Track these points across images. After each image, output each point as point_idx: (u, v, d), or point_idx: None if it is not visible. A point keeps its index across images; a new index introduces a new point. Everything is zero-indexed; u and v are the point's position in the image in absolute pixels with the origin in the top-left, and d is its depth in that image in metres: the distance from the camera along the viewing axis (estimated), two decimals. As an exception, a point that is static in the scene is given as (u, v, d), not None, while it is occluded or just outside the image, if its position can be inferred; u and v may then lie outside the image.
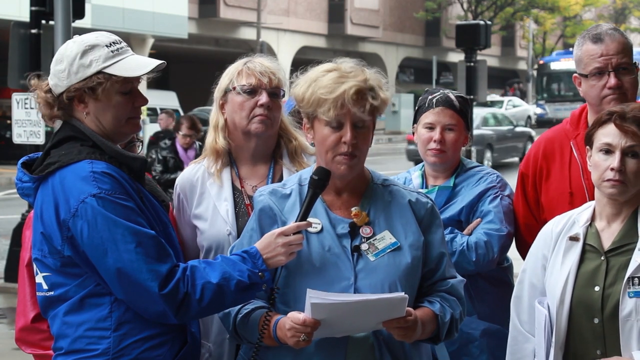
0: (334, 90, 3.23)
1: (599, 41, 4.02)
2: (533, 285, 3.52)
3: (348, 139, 3.25)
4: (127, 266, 3.09)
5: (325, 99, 3.23)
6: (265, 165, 4.02)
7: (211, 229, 3.93)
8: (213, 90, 4.06)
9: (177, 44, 37.74)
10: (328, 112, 3.23)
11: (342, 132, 3.25)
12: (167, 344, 3.23)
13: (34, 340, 3.74)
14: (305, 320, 3.11)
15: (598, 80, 4.02)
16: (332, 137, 3.27)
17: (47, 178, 3.21)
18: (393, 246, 3.31)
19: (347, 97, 3.22)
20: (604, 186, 3.35)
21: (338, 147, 3.27)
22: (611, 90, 4.00)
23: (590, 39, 4.05)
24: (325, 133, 3.28)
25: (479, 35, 16.70)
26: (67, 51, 3.26)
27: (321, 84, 3.26)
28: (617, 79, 4.00)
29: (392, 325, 3.15)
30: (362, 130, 3.27)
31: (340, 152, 3.27)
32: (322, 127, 3.28)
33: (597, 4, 53.76)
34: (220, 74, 4.06)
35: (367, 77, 3.28)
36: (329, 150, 3.28)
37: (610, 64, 4.00)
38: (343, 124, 3.25)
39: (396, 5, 50.80)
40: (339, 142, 3.26)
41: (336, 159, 3.28)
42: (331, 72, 3.29)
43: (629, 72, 4.02)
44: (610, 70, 4.00)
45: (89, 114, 3.26)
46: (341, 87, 3.23)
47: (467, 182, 4.33)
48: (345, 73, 3.27)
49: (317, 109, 3.26)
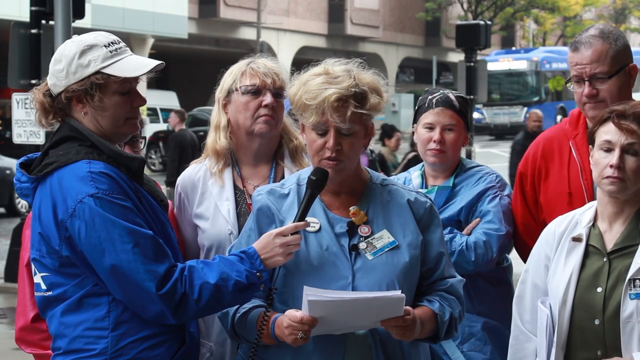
0: (317, 96, 3.23)
1: (576, 49, 4.02)
2: (535, 285, 3.52)
3: (331, 145, 3.26)
4: (124, 266, 3.09)
5: (308, 105, 3.25)
6: (267, 166, 4.03)
7: (212, 228, 3.94)
8: (215, 90, 4.07)
9: (177, 44, 37.73)
10: (310, 118, 3.26)
11: (327, 138, 3.27)
12: (165, 343, 3.23)
13: (33, 340, 3.74)
14: (303, 317, 3.11)
15: (578, 87, 4.03)
16: (318, 142, 3.28)
17: (45, 178, 3.21)
18: (391, 245, 3.31)
19: (327, 105, 3.22)
20: (604, 183, 3.35)
21: (323, 152, 3.28)
22: (587, 99, 3.99)
23: (571, 46, 4.06)
24: (312, 137, 3.30)
25: (479, 35, 16.71)
26: (65, 51, 3.26)
27: (307, 88, 3.27)
28: (592, 88, 3.97)
29: (390, 324, 3.15)
30: (348, 137, 3.28)
31: (325, 157, 3.28)
32: (310, 131, 3.31)
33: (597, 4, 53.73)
34: (222, 74, 4.07)
35: (352, 83, 3.26)
36: (315, 154, 3.31)
37: (585, 73, 3.98)
38: (327, 129, 3.26)
39: (396, 5, 50.79)
40: (323, 148, 3.28)
41: (321, 163, 3.30)
42: (320, 76, 3.29)
43: (604, 81, 3.97)
44: (586, 79, 3.99)
45: (87, 114, 3.26)
46: (323, 94, 3.22)
47: (466, 182, 4.33)
48: (331, 79, 3.26)
49: (302, 114, 3.29)
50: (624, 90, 4.02)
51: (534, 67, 38.71)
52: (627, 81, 4.04)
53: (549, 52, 41.04)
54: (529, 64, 38.79)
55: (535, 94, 38.56)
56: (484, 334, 4.22)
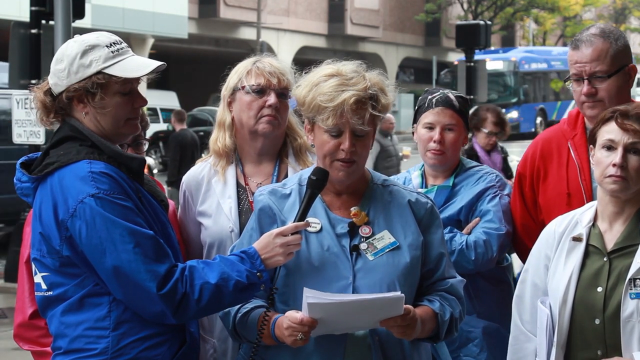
0: (334, 98, 3.22)
1: (576, 47, 4.02)
2: (535, 285, 3.52)
3: (347, 147, 3.25)
4: (125, 266, 3.09)
5: (325, 107, 3.23)
6: (271, 164, 4.03)
7: (215, 225, 3.95)
8: (216, 89, 4.07)
9: (177, 44, 37.72)
10: (327, 121, 3.24)
11: (341, 140, 3.26)
12: (166, 343, 3.23)
13: (31, 337, 3.75)
14: (303, 319, 3.11)
15: (577, 86, 4.03)
16: (331, 144, 3.27)
17: (46, 178, 3.21)
18: (392, 246, 3.31)
19: (346, 107, 3.22)
20: (606, 182, 3.35)
21: (336, 154, 3.27)
22: (585, 98, 3.99)
23: (571, 44, 4.06)
24: (324, 139, 3.28)
25: (479, 35, 16.72)
26: (67, 50, 3.26)
27: (322, 90, 3.25)
28: (591, 87, 3.97)
29: (390, 323, 3.16)
30: (361, 138, 3.28)
31: (338, 158, 3.27)
32: (322, 133, 3.29)
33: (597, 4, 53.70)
34: (228, 71, 4.07)
35: (367, 85, 3.26)
36: (327, 156, 3.29)
37: (584, 72, 3.98)
38: (342, 131, 3.25)
39: (396, 6, 50.77)
40: (338, 149, 3.26)
41: (334, 165, 3.28)
42: (332, 77, 3.27)
43: (603, 80, 3.97)
44: (585, 78, 3.99)
45: (88, 114, 3.26)
46: (341, 96, 3.22)
47: (466, 181, 4.34)
48: (346, 80, 3.26)
49: (317, 116, 3.26)
50: (623, 90, 4.02)
51: (512, 67, 37.89)
52: (626, 81, 4.04)
53: (528, 52, 40.43)
54: (507, 64, 37.98)
55: (514, 95, 37.82)
56: (481, 339, 4.22)
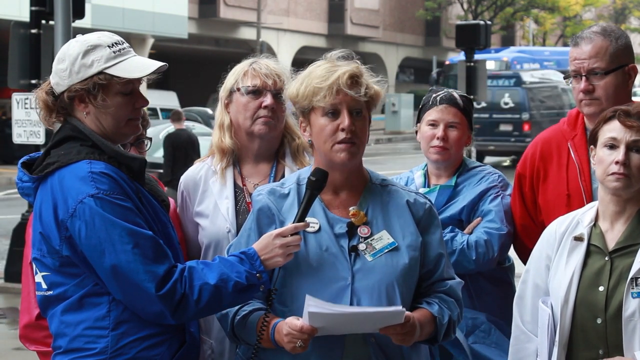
0: (328, 77, 3.25)
1: (576, 44, 4.03)
2: (536, 285, 3.52)
3: (346, 125, 3.25)
4: (123, 266, 3.09)
5: (320, 87, 3.25)
6: (268, 164, 4.04)
7: (212, 226, 3.95)
8: (216, 90, 4.07)
9: (177, 44, 37.74)
10: (324, 99, 3.24)
11: (340, 120, 3.26)
12: (166, 343, 3.23)
13: (38, 337, 3.76)
14: (303, 327, 3.11)
15: (577, 82, 4.03)
16: (330, 126, 3.27)
17: (47, 178, 3.22)
18: (391, 246, 3.31)
19: (341, 82, 3.24)
20: (608, 180, 3.35)
21: (336, 135, 3.26)
22: (583, 95, 4.00)
23: (572, 41, 4.07)
24: (322, 123, 3.28)
25: (479, 35, 16.69)
26: (69, 50, 3.26)
27: (314, 75, 3.28)
28: (588, 84, 3.97)
29: (390, 331, 3.16)
30: (359, 119, 3.28)
31: (339, 140, 3.26)
32: (319, 118, 3.28)
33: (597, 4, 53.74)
34: (226, 73, 4.07)
35: (358, 64, 3.31)
36: (327, 140, 3.28)
37: (583, 68, 3.98)
38: (340, 110, 3.26)
39: (396, 5, 50.81)
40: (337, 130, 3.26)
41: (335, 148, 3.28)
42: (323, 64, 3.31)
43: (600, 77, 3.97)
44: (583, 74, 3.99)
45: (89, 114, 3.26)
46: (335, 74, 3.25)
47: (468, 181, 4.33)
48: (337, 63, 3.30)
49: (313, 99, 3.27)
50: (621, 90, 4.01)
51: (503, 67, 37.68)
52: (625, 81, 4.03)
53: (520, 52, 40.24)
54: (499, 64, 37.43)
55: None
56: (487, 324, 4.21)
